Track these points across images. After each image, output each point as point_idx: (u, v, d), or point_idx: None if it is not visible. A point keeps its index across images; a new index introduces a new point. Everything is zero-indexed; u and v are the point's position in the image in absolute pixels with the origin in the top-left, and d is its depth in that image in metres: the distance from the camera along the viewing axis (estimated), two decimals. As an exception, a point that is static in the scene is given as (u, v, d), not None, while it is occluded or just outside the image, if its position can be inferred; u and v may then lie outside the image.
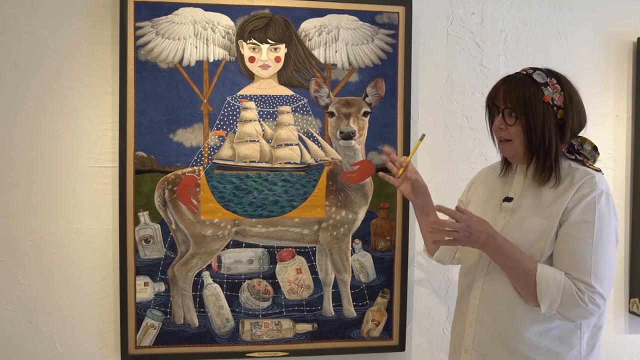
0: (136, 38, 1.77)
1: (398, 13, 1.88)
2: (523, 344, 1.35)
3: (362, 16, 1.87)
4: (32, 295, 1.83)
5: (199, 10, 1.79)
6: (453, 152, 2.01)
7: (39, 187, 1.81)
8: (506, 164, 1.49)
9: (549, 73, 1.36)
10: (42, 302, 1.83)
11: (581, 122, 1.36)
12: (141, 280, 1.81)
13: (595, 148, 1.40)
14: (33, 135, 1.80)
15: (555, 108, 1.31)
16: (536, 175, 1.36)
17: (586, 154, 1.40)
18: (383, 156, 1.56)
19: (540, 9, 2.04)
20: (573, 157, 1.37)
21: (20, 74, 1.78)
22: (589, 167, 1.35)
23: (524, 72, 1.36)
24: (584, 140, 1.40)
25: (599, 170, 1.36)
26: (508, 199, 1.41)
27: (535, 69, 1.36)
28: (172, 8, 1.78)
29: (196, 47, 1.80)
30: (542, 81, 1.33)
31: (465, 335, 1.46)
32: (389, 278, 1.93)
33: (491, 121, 1.42)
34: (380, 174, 1.57)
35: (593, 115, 2.07)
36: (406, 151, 1.90)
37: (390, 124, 1.90)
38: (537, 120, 1.31)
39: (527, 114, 1.32)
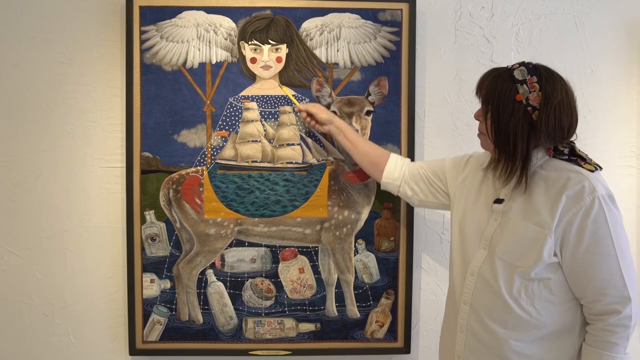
0: (142, 42, 1.82)
1: (401, 10, 1.85)
2: (514, 354, 1.30)
3: (364, 14, 1.85)
4: (48, 290, 1.92)
5: (202, 13, 1.83)
6: (462, 150, 1.95)
7: (53, 187, 1.89)
8: (496, 162, 1.43)
9: (533, 70, 1.28)
10: (58, 296, 1.92)
11: (563, 128, 1.26)
12: (147, 277, 1.87)
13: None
14: (47, 137, 1.89)
15: (529, 108, 1.24)
16: (502, 176, 1.30)
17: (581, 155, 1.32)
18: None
19: (555, 0, 1.95)
20: (565, 157, 1.30)
21: (37, 79, 1.87)
22: (583, 167, 1.27)
23: (509, 67, 1.31)
24: (574, 147, 1.32)
25: (595, 169, 1.28)
26: (499, 201, 1.36)
27: (522, 64, 1.30)
28: (176, 12, 1.83)
29: (199, 50, 1.83)
30: (520, 78, 1.26)
31: (457, 340, 1.42)
32: (393, 279, 1.90)
33: None
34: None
35: (615, 112, 1.98)
36: (410, 151, 1.87)
37: (393, 123, 1.87)
38: (504, 117, 1.25)
39: (493, 109, 1.27)
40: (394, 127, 1.87)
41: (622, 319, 1.22)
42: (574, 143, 1.32)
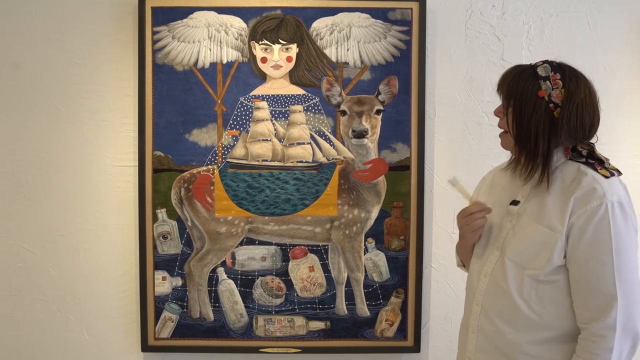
0: (154, 42, 1.85)
1: (411, 9, 1.85)
2: (524, 355, 1.29)
3: (374, 13, 1.85)
4: (62, 287, 1.95)
5: (213, 14, 1.84)
6: (472, 149, 1.95)
7: (66, 186, 1.92)
8: (516, 161, 1.42)
9: (557, 68, 1.27)
10: (71, 293, 1.95)
11: (585, 126, 1.24)
12: (159, 274, 1.89)
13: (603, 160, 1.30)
14: (61, 136, 1.92)
15: (551, 105, 1.24)
16: (523, 174, 1.29)
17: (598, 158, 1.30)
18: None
19: (568, -2, 1.94)
20: (583, 159, 1.29)
21: (51, 79, 1.90)
22: (599, 172, 1.26)
23: (531, 64, 1.30)
24: (593, 149, 1.30)
25: (612, 175, 1.26)
26: (515, 202, 1.35)
27: (545, 62, 1.30)
28: (187, 12, 1.85)
29: (210, 50, 1.85)
30: (543, 75, 1.25)
31: (468, 341, 1.42)
32: (403, 278, 1.91)
33: None
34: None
35: (627, 111, 1.97)
36: (420, 150, 1.87)
37: (404, 122, 1.87)
38: (526, 113, 1.24)
39: (515, 104, 1.25)
40: (404, 126, 1.87)
41: (602, 328, 1.19)
42: (594, 145, 1.30)
